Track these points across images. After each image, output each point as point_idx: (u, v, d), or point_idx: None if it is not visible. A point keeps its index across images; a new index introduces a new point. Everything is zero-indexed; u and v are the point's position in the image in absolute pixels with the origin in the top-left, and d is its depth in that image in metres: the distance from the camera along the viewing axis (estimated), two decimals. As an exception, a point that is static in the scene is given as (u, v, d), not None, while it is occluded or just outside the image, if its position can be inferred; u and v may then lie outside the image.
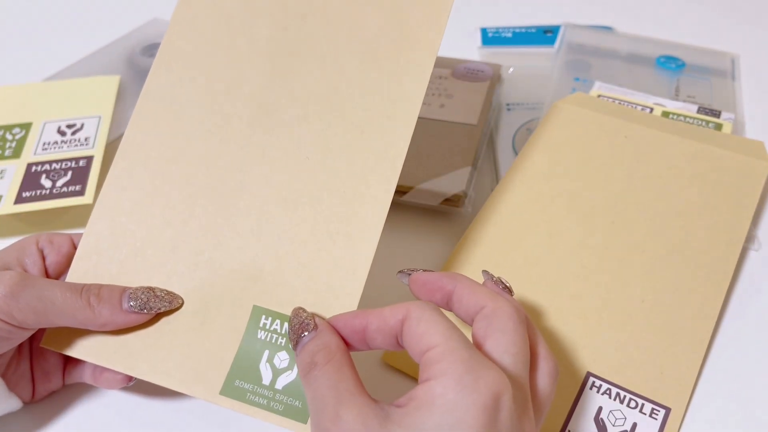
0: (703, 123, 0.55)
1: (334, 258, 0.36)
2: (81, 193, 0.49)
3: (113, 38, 0.67)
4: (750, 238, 0.47)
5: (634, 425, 0.37)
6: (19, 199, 0.48)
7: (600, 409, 0.38)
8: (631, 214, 0.46)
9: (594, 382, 0.39)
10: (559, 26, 0.70)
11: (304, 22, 0.41)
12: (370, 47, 0.40)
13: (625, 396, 0.38)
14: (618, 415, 0.38)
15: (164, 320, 0.36)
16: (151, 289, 0.36)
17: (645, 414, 0.38)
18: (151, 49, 0.65)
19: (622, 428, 0.37)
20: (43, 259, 0.37)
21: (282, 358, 0.34)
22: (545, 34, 0.70)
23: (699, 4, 0.77)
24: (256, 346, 0.35)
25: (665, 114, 0.56)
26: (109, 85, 0.59)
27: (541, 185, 0.48)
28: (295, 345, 0.32)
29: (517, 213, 0.47)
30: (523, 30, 0.71)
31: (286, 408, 0.33)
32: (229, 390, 0.34)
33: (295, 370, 0.34)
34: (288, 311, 0.35)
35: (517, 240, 0.45)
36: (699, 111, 0.56)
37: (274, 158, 0.38)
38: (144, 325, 0.36)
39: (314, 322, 0.32)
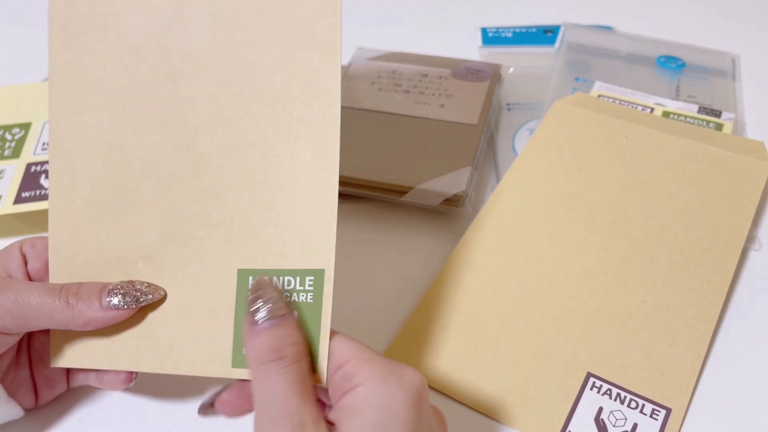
0: (704, 123, 0.55)
1: (298, 194, 0.34)
2: (81, 193, 0.49)
3: (113, 38, 0.67)
4: (750, 238, 0.47)
5: (635, 426, 0.37)
6: (19, 199, 0.48)
7: (600, 409, 0.38)
8: (631, 214, 0.46)
9: (594, 382, 0.39)
10: (559, 26, 0.70)
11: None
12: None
13: (625, 396, 0.38)
14: (618, 415, 0.38)
15: (155, 311, 0.35)
16: (131, 282, 0.35)
17: (645, 414, 0.38)
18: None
19: (623, 429, 0.37)
20: (26, 263, 0.37)
21: None
22: (545, 34, 0.70)
23: (699, 4, 0.77)
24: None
25: (666, 114, 0.56)
26: (109, 85, 0.58)
27: (542, 185, 0.48)
28: (253, 321, 0.30)
29: (517, 213, 0.47)
30: (524, 30, 0.71)
31: None
32: (240, 360, 0.33)
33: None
34: (271, 264, 0.33)
35: (517, 240, 0.45)
36: (699, 111, 0.56)
37: (204, 109, 0.36)
38: (138, 320, 0.35)
39: (289, 308, 0.31)
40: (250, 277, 0.34)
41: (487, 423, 0.39)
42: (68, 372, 0.39)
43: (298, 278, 0.33)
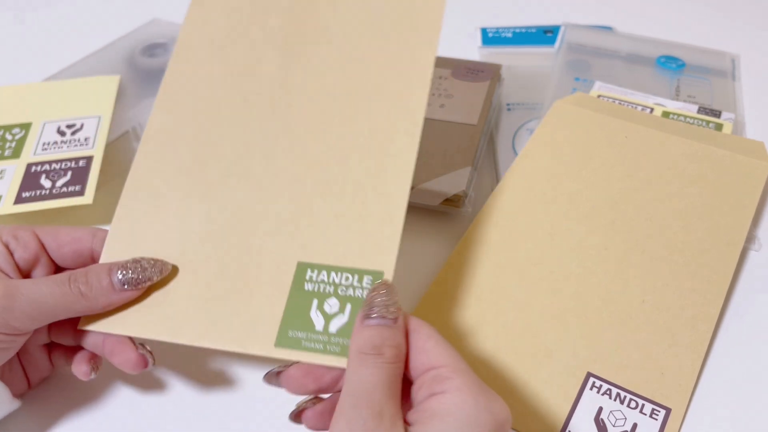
0: (704, 123, 0.55)
1: (368, 205, 0.37)
2: (81, 193, 0.49)
3: (113, 38, 0.67)
4: (750, 239, 0.47)
5: (635, 426, 0.37)
6: (19, 200, 0.48)
7: (600, 409, 0.38)
8: (631, 214, 0.46)
9: (594, 382, 0.39)
10: (559, 26, 0.70)
11: (314, 9, 0.44)
12: (377, 36, 0.42)
13: (625, 396, 0.38)
14: (618, 415, 0.38)
15: (207, 286, 0.37)
16: (136, 261, 0.36)
17: (645, 414, 0.38)
18: (150, 49, 0.65)
19: (623, 428, 0.37)
20: (11, 254, 0.37)
21: (332, 304, 0.35)
22: (545, 34, 0.70)
23: (699, 4, 0.77)
24: (304, 297, 0.35)
25: (665, 114, 0.56)
26: (109, 85, 0.58)
27: (542, 185, 0.48)
28: (365, 317, 0.32)
29: (517, 213, 0.47)
30: (524, 30, 0.71)
31: (343, 348, 0.33)
32: (284, 341, 0.34)
33: (347, 312, 0.34)
34: (330, 261, 0.36)
35: (517, 240, 0.45)
36: (699, 111, 0.56)
37: (298, 127, 0.40)
38: (184, 294, 0.36)
39: (399, 314, 0.32)
40: (309, 270, 0.36)
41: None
42: (49, 354, 0.39)
43: (356, 276, 0.35)
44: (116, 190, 0.54)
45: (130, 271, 0.35)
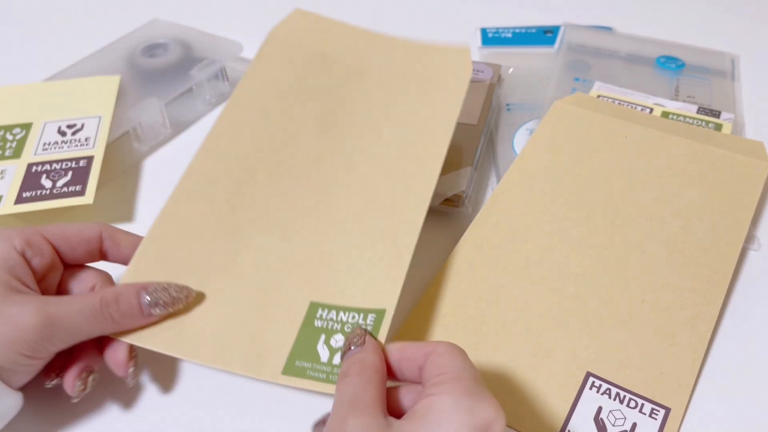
0: (703, 123, 0.55)
1: (378, 256, 0.41)
2: (81, 193, 0.49)
3: (114, 38, 0.67)
4: (750, 238, 0.47)
5: (634, 425, 0.37)
6: (20, 199, 0.48)
7: (600, 408, 0.38)
8: (631, 214, 0.46)
9: (594, 382, 0.39)
10: (559, 26, 0.70)
11: (349, 93, 0.51)
12: (402, 118, 0.49)
13: (624, 396, 0.38)
14: (618, 415, 0.38)
15: (225, 313, 0.39)
16: (165, 288, 0.38)
17: (645, 414, 0.38)
18: (151, 50, 0.65)
19: (622, 428, 0.37)
20: (29, 263, 0.37)
21: (338, 339, 0.37)
22: (545, 35, 0.70)
23: (699, 4, 0.77)
24: (313, 332, 0.38)
25: (665, 114, 0.56)
26: (110, 85, 0.59)
27: (542, 185, 0.48)
28: (342, 356, 0.35)
29: (517, 213, 0.47)
30: (523, 30, 0.71)
31: None
32: (291, 369, 0.37)
33: None
34: (340, 302, 0.39)
35: (517, 240, 0.46)
36: (699, 111, 0.56)
37: (324, 190, 0.45)
38: (203, 317, 0.39)
39: (364, 339, 0.35)
40: (320, 309, 0.39)
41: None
42: None
43: (362, 314, 0.38)
44: (117, 190, 0.54)
45: (159, 296, 0.38)
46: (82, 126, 0.54)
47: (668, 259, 0.44)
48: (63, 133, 0.54)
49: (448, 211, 0.51)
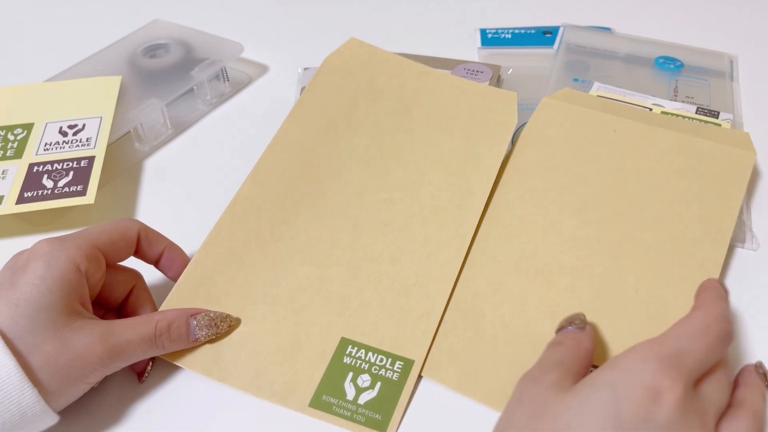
0: (702, 124, 0.55)
1: (411, 302, 0.43)
2: (83, 193, 0.49)
3: (115, 39, 0.67)
4: (744, 237, 0.48)
5: None
6: (21, 199, 0.49)
7: None
8: (622, 206, 0.46)
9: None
10: (558, 27, 0.70)
11: (395, 132, 0.53)
12: (446, 157, 0.51)
13: None
14: None
15: (260, 341, 0.41)
16: (212, 318, 0.41)
17: None
18: (152, 50, 0.65)
19: None
20: (88, 281, 0.38)
21: (364, 379, 0.39)
22: (544, 35, 0.70)
23: (698, 5, 0.77)
24: (341, 369, 0.40)
25: (664, 114, 0.56)
26: (111, 85, 0.59)
27: (534, 180, 0.49)
28: (558, 330, 0.37)
29: (510, 208, 0.47)
30: (523, 31, 0.71)
31: (368, 420, 0.38)
32: (317, 403, 0.39)
33: (377, 390, 0.39)
34: (370, 342, 0.41)
35: (511, 234, 0.46)
36: (697, 112, 0.57)
37: (364, 228, 0.47)
38: (238, 343, 0.41)
39: (585, 325, 0.37)
40: (350, 346, 0.41)
41: (484, 411, 0.39)
42: None
43: (390, 359, 0.40)
44: (118, 190, 0.55)
45: (205, 326, 0.40)
46: (84, 126, 0.55)
47: (660, 249, 0.44)
48: (64, 134, 0.54)
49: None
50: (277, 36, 0.73)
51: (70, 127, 0.55)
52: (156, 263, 0.44)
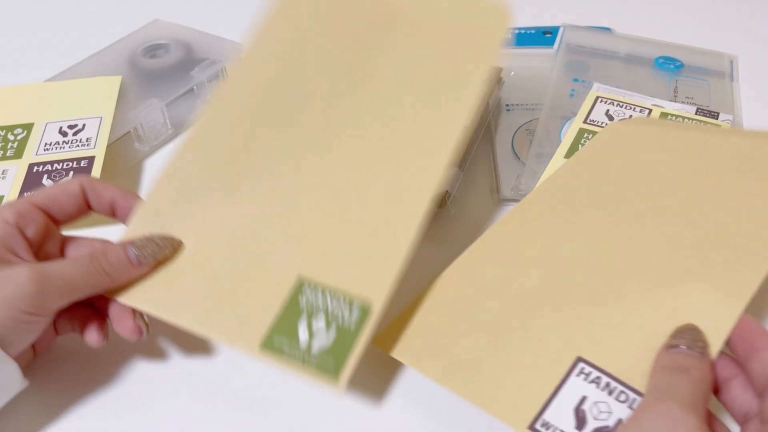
0: (702, 125, 0.55)
1: (375, 237, 0.40)
2: (81, 192, 0.49)
3: (115, 39, 0.68)
4: None
5: (619, 422, 0.34)
6: (21, 199, 0.49)
7: (583, 399, 0.35)
8: (663, 211, 0.44)
9: (583, 368, 0.36)
10: (558, 27, 0.70)
11: (369, 55, 0.47)
12: (423, 81, 0.45)
13: (615, 387, 0.35)
14: (603, 407, 0.34)
15: (214, 275, 0.39)
16: (149, 238, 0.39)
17: (633, 411, 0.34)
18: (152, 50, 0.65)
19: (605, 423, 0.34)
20: (23, 235, 0.38)
21: (318, 323, 0.37)
22: (544, 35, 0.70)
23: (698, 5, 0.77)
24: (296, 309, 0.38)
25: (663, 115, 0.56)
26: (111, 85, 0.59)
27: (578, 190, 0.47)
28: (672, 341, 0.35)
29: (548, 209, 0.46)
30: (522, 31, 0.71)
31: (319, 364, 0.36)
32: (269, 345, 0.37)
33: (331, 336, 0.36)
34: (328, 280, 0.38)
35: (539, 236, 0.44)
36: (697, 112, 0.56)
37: (330, 159, 0.43)
38: (190, 279, 0.39)
39: (704, 350, 0.34)
40: (306, 285, 0.38)
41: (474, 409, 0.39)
42: (54, 320, 0.39)
43: (347, 301, 0.38)
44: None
45: (145, 247, 0.39)
46: (84, 126, 0.55)
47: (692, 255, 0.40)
48: (64, 134, 0.54)
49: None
50: (278, 36, 0.73)
51: (70, 127, 0.55)
52: (112, 214, 0.43)
